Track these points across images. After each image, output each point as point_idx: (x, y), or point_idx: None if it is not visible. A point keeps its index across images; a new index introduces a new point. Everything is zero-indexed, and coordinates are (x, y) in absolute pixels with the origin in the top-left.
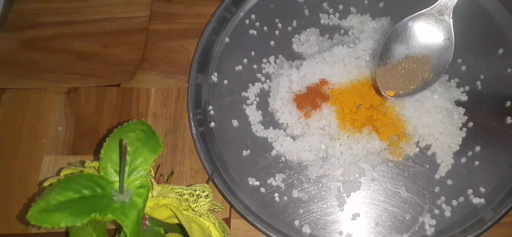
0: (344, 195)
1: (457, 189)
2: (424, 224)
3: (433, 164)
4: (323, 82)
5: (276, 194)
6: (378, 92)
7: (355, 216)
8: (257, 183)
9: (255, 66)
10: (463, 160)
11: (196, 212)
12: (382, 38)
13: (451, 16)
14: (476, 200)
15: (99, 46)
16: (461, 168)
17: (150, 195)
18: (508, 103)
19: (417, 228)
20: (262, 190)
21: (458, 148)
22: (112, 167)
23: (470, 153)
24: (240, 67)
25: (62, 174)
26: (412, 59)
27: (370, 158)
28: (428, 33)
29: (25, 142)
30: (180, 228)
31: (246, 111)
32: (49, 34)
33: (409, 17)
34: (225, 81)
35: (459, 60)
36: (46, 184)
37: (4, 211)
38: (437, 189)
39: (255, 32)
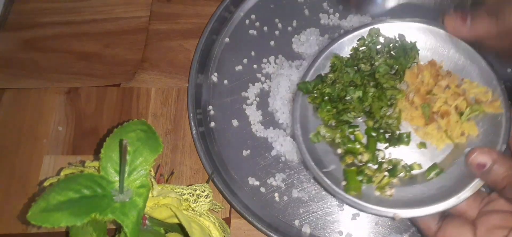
0: None
1: None
2: None
3: None
4: None
5: (276, 194)
6: None
7: (355, 216)
8: (257, 183)
9: (255, 66)
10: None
11: (196, 211)
12: None
13: None
14: None
15: (99, 46)
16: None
17: (150, 194)
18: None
19: (417, 228)
20: (262, 190)
21: None
22: (112, 166)
23: None
24: (240, 67)
25: (62, 173)
26: None
27: None
28: None
29: (25, 142)
30: (180, 227)
31: (246, 111)
32: (49, 34)
33: None
34: (225, 81)
35: None
36: (46, 184)
37: (4, 211)
38: None
39: (255, 32)
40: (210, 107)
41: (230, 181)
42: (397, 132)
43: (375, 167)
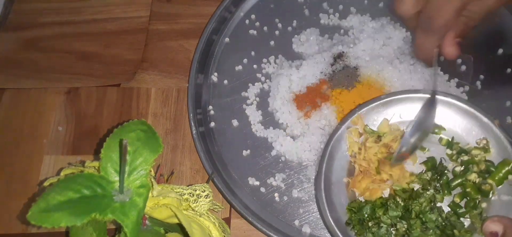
0: None
1: None
2: None
3: None
4: (323, 82)
5: (276, 194)
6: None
7: None
8: (257, 183)
9: (255, 66)
10: None
11: (196, 212)
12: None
13: None
14: None
15: (99, 46)
16: None
17: (150, 194)
18: (508, 103)
19: None
20: (262, 189)
21: None
22: (112, 166)
23: None
24: (240, 67)
25: (62, 174)
26: None
27: None
28: None
29: (25, 142)
30: (180, 228)
31: (246, 111)
32: (49, 34)
33: None
34: (225, 81)
35: (459, 60)
36: (46, 184)
37: (4, 211)
38: None
39: (255, 32)
40: (210, 107)
41: (230, 181)
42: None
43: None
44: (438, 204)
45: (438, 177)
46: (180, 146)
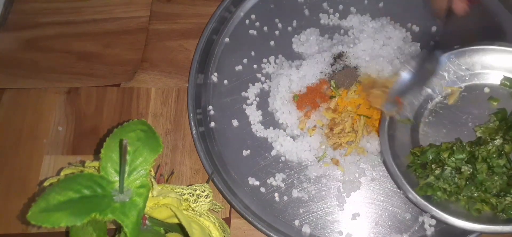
0: (344, 194)
1: None
2: (424, 223)
3: None
4: (323, 82)
5: (276, 194)
6: None
7: (355, 215)
8: (257, 183)
9: (255, 66)
10: None
11: (196, 211)
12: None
13: None
14: None
15: (99, 46)
16: None
17: (150, 194)
18: None
19: (417, 228)
20: (262, 189)
21: None
22: (112, 166)
23: None
24: (240, 67)
25: (62, 174)
26: None
27: (370, 158)
28: None
29: (25, 142)
30: (180, 227)
31: (246, 111)
32: (50, 34)
33: None
34: (225, 81)
35: None
36: (46, 184)
37: (4, 211)
38: None
39: (255, 32)
40: (210, 107)
41: (230, 181)
42: None
43: None
44: None
45: (508, 129)
46: (180, 146)
